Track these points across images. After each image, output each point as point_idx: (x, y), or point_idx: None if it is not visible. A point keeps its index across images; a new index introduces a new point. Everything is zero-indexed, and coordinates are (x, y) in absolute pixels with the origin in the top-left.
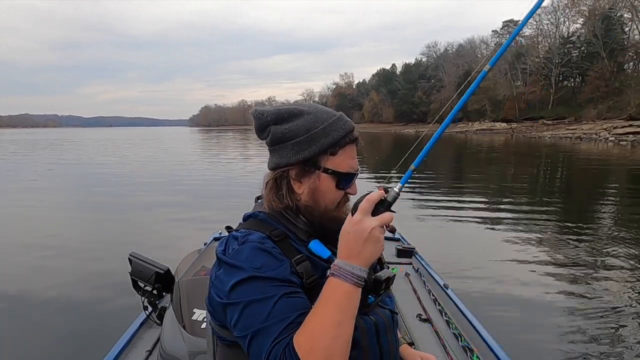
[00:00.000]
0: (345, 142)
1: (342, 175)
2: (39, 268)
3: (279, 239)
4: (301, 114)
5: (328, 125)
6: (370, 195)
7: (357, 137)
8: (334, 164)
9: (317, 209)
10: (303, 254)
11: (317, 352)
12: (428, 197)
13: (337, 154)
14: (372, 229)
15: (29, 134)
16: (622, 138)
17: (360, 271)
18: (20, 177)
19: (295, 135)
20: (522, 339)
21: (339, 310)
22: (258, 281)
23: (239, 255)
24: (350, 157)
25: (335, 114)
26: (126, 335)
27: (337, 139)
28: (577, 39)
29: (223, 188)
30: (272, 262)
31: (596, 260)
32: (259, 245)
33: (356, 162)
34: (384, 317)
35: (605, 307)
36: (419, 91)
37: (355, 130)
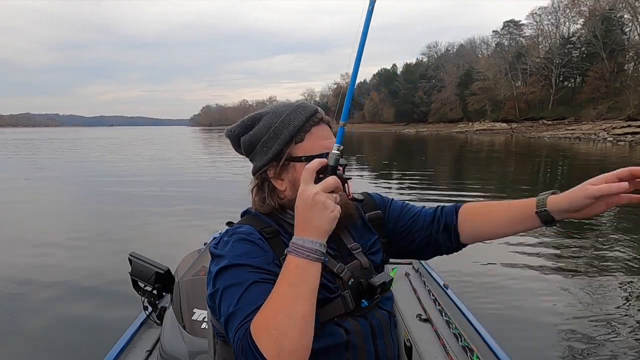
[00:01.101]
0: (310, 125)
1: (314, 158)
2: (39, 267)
3: (269, 236)
4: (261, 116)
5: (286, 116)
6: (309, 165)
7: (321, 118)
8: (304, 150)
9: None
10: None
11: (269, 330)
12: (428, 197)
13: (304, 139)
14: (314, 195)
15: (30, 133)
16: (620, 138)
17: (312, 243)
18: (22, 175)
19: (260, 137)
20: (522, 339)
21: (290, 286)
22: (235, 268)
23: (225, 246)
24: (321, 138)
25: (294, 104)
26: (126, 335)
27: (299, 125)
28: (578, 40)
29: (224, 188)
30: (253, 251)
31: (596, 261)
32: (244, 237)
33: (330, 142)
34: (381, 319)
35: (606, 307)
36: (419, 91)
37: (320, 112)
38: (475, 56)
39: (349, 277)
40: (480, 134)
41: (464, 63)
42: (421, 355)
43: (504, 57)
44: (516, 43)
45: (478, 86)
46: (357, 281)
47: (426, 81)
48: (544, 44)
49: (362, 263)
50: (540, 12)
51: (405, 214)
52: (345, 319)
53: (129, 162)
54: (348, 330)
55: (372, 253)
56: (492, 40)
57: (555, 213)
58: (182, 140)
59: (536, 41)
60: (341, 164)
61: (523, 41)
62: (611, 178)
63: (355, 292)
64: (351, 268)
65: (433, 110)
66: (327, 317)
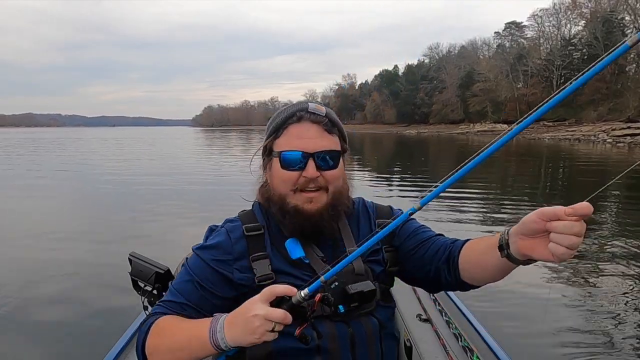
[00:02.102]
0: (289, 122)
1: (283, 153)
2: (39, 267)
3: (251, 234)
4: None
5: (279, 113)
6: (272, 287)
7: (304, 117)
8: (278, 145)
9: (275, 195)
10: (266, 252)
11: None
12: (432, 202)
13: (280, 135)
14: (253, 315)
15: (33, 133)
16: (619, 140)
17: (222, 341)
18: (24, 175)
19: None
20: (523, 338)
21: (188, 345)
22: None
23: (212, 236)
24: (295, 136)
25: (296, 103)
26: (126, 335)
27: (280, 121)
28: (579, 41)
29: (225, 187)
30: (220, 250)
31: (597, 261)
32: (225, 233)
33: (308, 143)
34: (367, 328)
35: (606, 307)
36: (421, 92)
37: (308, 109)
38: (477, 57)
39: (333, 280)
40: (481, 135)
41: (465, 64)
42: (421, 355)
43: (505, 59)
44: (517, 44)
45: (479, 87)
46: (342, 286)
47: (427, 82)
48: (545, 45)
49: (355, 268)
50: (541, 13)
51: (417, 236)
52: (322, 321)
53: (130, 161)
54: (320, 334)
55: (371, 261)
56: (493, 42)
57: (511, 240)
58: (186, 140)
59: (537, 43)
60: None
61: (524, 42)
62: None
63: (335, 296)
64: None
65: (434, 112)
66: None
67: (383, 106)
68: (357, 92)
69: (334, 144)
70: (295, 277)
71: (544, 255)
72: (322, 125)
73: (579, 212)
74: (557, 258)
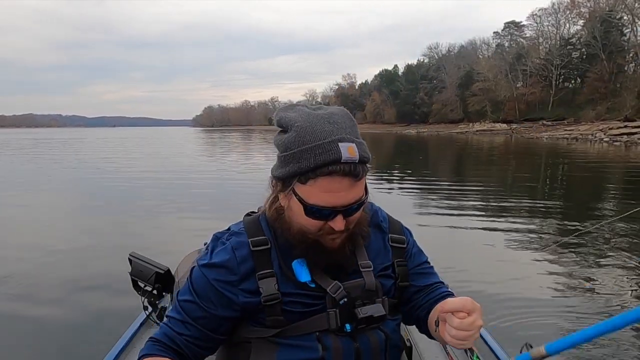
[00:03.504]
0: (317, 174)
1: (308, 206)
2: (38, 267)
3: (257, 249)
4: (290, 128)
5: (303, 151)
6: None
7: (337, 171)
8: (302, 192)
9: (293, 227)
10: (272, 270)
11: None
12: (428, 197)
13: (306, 183)
14: None
15: (36, 134)
16: (616, 139)
17: None
18: (25, 176)
19: (279, 149)
20: (523, 339)
21: None
22: (202, 276)
23: (217, 247)
24: (324, 190)
25: (325, 138)
26: (126, 335)
27: (306, 169)
28: (577, 41)
29: (226, 188)
30: (224, 270)
31: (597, 260)
32: (230, 250)
33: (337, 197)
34: (374, 343)
35: (606, 307)
36: (420, 92)
37: (345, 161)
38: (476, 57)
39: (342, 296)
40: (480, 135)
41: (465, 64)
42: (421, 355)
43: (504, 58)
44: (517, 44)
45: (478, 87)
46: (351, 302)
47: (427, 82)
48: (544, 45)
49: (367, 283)
50: (540, 13)
51: (423, 276)
52: (327, 335)
53: (132, 161)
54: (326, 347)
55: (383, 276)
56: (492, 42)
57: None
58: (188, 140)
59: (536, 42)
60: None
61: (523, 42)
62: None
63: (343, 313)
64: (349, 286)
65: (434, 111)
66: (309, 330)
67: (383, 106)
68: (357, 92)
69: (362, 190)
70: (301, 301)
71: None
72: (354, 176)
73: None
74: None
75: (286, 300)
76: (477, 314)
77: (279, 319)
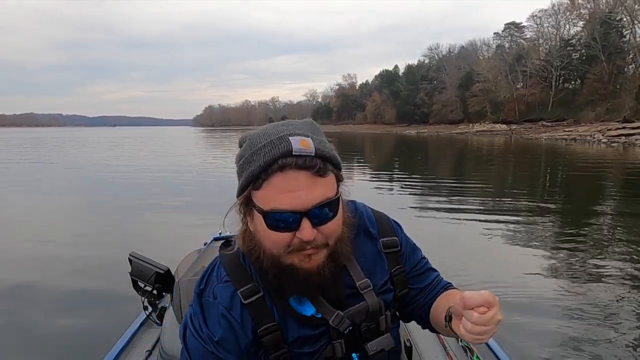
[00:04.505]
0: (269, 173)
1: (265, 214)
2: (38, 267)
3: (250, 301)
4: (245, 139)
5: (253, 153)
6: None
7: (288, 164)
8: (259, 200)
9: (267, 255)
10: (274, 323)
11: None
12: (428, 198)
13: (260, 187)
14: None
15: (37, 133)
16: (614, 140)
17: None
18: (26, 176)
19: (237, 162)
20: (522, 338)
21: None
22: (209, 352)
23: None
24: (279, 190)
25: (277, 134)
26: (126, 335)
27: (258, 170)
28: (577, 42)
29: (226, 187)
30: (228, 340)
31: (596, 260)
32: (224, 313)
33: (296, 197)
34: (377, 358)
35: (606, 307)
36: (420, 92)
37: (297, 153)
38: (476, 58)
39: (347, 326)
40: (480, 135)
41: (465, 65)
42: (421, 355)
43: (504, 59)
44: (517, 45)
45: (478, 88)
46: (357, 329)
47: (427, 82)
48: (544, 46)
49: (370, 305)
50: (540, 14)
51: (421, 276)
52: None
53: (132, 161)
54: None
55: (384, 292)
56: (492, 42)
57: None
58: (190, 139)
59: (536, 43)
60: None
61: (523, 43)
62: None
63: (348, 342)
64: (352, 313)
65: (434, 112)
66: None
67: (383, 106)
68: (357, 92)
69: (329, 189)
70: (309, 340)
71: (459, 334)
72: (313, 171)
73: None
74: (464, 337)
75: (294, 351)
76: (496, 307)
77: None
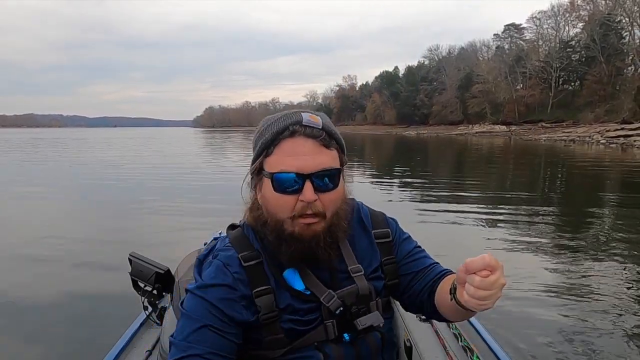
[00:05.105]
0: (281, 138)
1: (275, 176)
2: (38, 267)
3: (249, 264)
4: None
5: (268, 126)
6: None
7: (298, 131)
8: (269, 165)
9: (270, 220)
10: (269, 286)
11: None
12: (428, 197)
13: (272, 153)
14: None
15: (38, 134)
16: (613, 141)
17: None
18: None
19: (253, 140)
20: (522, 338)
21: None
22: (200, 299)
23: (206, 268)
24: (288, 153)
25: (284, 112)
26: (126, 335)
27: (270, 137)
28: (577, 44)
29: (226, 187)
30: (225, 289)
31: (596, 260)
32: (222, 267)
33: (303, 161)
34: (372, 344)
35: (605, 307)
36: (420, 93)
37: (301, 122)
38: (476, 59)
39: (337, 305)
40: (479, 136)
41: (465, 66)
42: (421, 355)
43: (503, 60)
44: (516, 46)
45: (478, 89)
46: (347, 310)
47: (427, 84)
48: (543, 47)
49: (360, 288)
50: (540, 15)
51: (415, 261)
52: (327, 344)
53: (132, 160)
54: (327, 355)
55: (374, 278)
56: (492, 44)
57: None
58: (191, 140)
59: (536, 44)
60: None
61: (523, 44)
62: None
63: (340, 322)
64: (343, 294)
65: (434, 113)
66: (307, 343)
67: (383, 107)
68: (357, 93)
69: (332, 161)
70: (299, 311)
71: (465, 301)
72: (319, 140)
73: (489, 266)
74: (468, 303)
75: (284, 317)
76: (499, 271)
77: (278, 337)
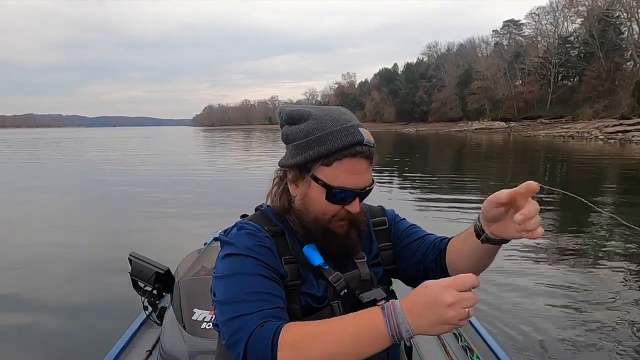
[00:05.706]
0: (343, 155)
1: (332, 189)
2: (38, 267)
3: (275, 235)
4: (307, 118)
5: (328, 134)
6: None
7: (361, 152)
8: (325, 175)
9: (308, 215)
10: (293, 256)
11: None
12: (428, 197)
13: (331, 165)
14: (448, 305)
15: (38, 134)
16: (611, 136)
17: (406, 332)
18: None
19: (295, 138)
20: (522, 338)
21: (353, 341)
22: (244, 257)
23: (234, 236)
24: (349, 172)
25: (345, 123)
26: (126, 335)
27: (333, 149)
28: (576, 39)
29: (225, 188)
30: (261, 248)
31: (595, 259)
32: (253, 232)
33: (359, 179)
34: None
35: (605, 307)
36: (420, 90)
37: (365, 144)
38: (475, 56)
39: (342, 287)
40: (478, 133)
41: (464, 63)
42: (421, 355)
43: (502, 57)
44: (515, 42)
45: (477, 85)
46: (351, 292)
47: (426, 80)
48: (542, 43)
49: (362, 274)
50: (538, 11)
51: (408, 236)
52: None
53: (132, 160)
54: None
55: (375, 265)
56: (491, 40)
57: (483, 226)
58: (191, 139)
59: (535, 41)
60: None
61: (522, 40)
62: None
63: (345, 304)
64: (348, 278)
65: (433, 110)
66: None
67: (382, 104)
68: (356, 91)
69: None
70: (316, 285)
71: (515, 235)
72: (371, 160)
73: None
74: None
75: (302, 289)
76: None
77: (295, 307)
